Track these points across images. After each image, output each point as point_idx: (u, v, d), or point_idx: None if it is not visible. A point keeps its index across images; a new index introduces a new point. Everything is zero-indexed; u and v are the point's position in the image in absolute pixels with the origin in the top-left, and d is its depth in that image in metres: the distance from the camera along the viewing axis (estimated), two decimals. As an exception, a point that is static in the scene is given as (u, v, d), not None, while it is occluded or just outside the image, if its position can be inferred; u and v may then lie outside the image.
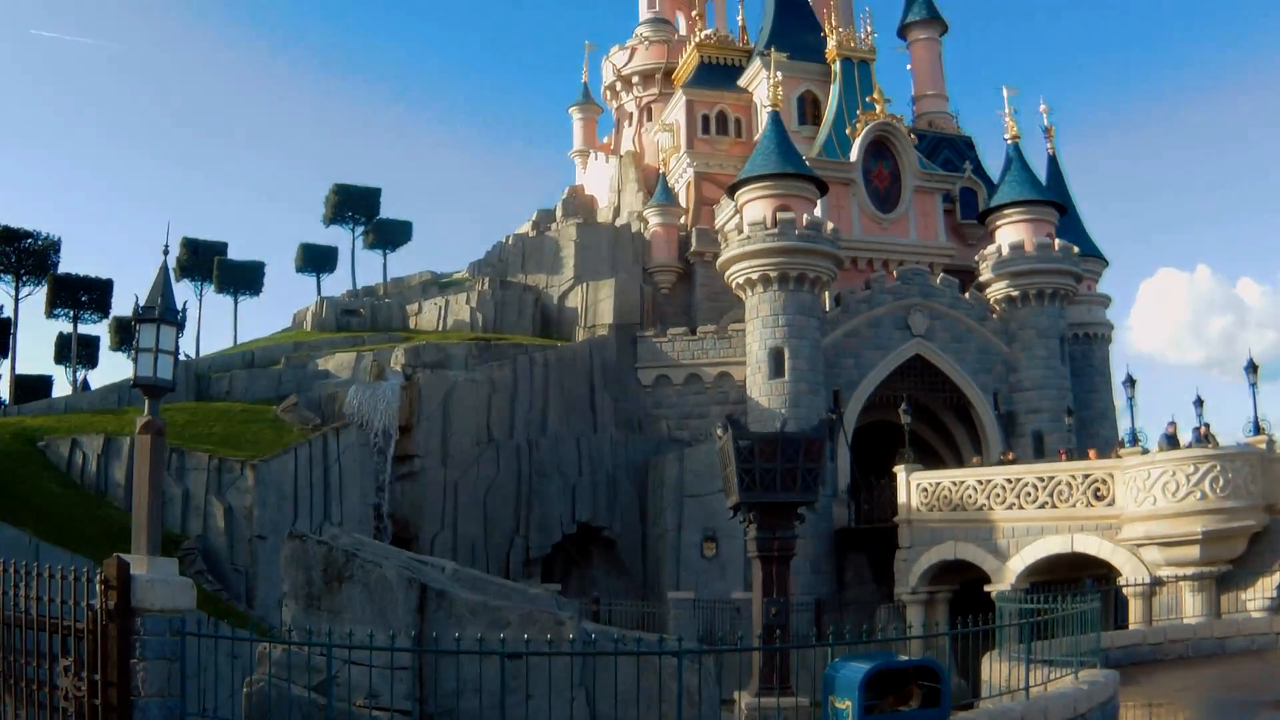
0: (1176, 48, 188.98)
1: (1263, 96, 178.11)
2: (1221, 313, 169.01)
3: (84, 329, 71.08)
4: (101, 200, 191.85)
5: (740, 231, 60.69)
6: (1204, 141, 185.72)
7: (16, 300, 67.64)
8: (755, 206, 60.96)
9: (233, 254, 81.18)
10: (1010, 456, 55.94)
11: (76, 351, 70.39)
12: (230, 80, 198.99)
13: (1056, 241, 64.35)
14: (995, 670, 19.81)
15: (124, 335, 70.51)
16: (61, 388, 70.87)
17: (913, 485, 50.00)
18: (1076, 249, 65.68)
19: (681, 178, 76.23)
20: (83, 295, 69.68)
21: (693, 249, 71.51)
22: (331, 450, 53.23)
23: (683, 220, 73.76)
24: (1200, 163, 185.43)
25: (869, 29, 74.40)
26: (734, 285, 61.84)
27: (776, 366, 58.80)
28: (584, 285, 70.28)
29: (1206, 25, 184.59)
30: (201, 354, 70.63)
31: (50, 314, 69.40)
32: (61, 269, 69.47)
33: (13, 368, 67.39)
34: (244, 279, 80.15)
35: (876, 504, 54.81)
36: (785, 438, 27.74)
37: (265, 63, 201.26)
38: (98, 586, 13.29)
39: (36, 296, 69.33)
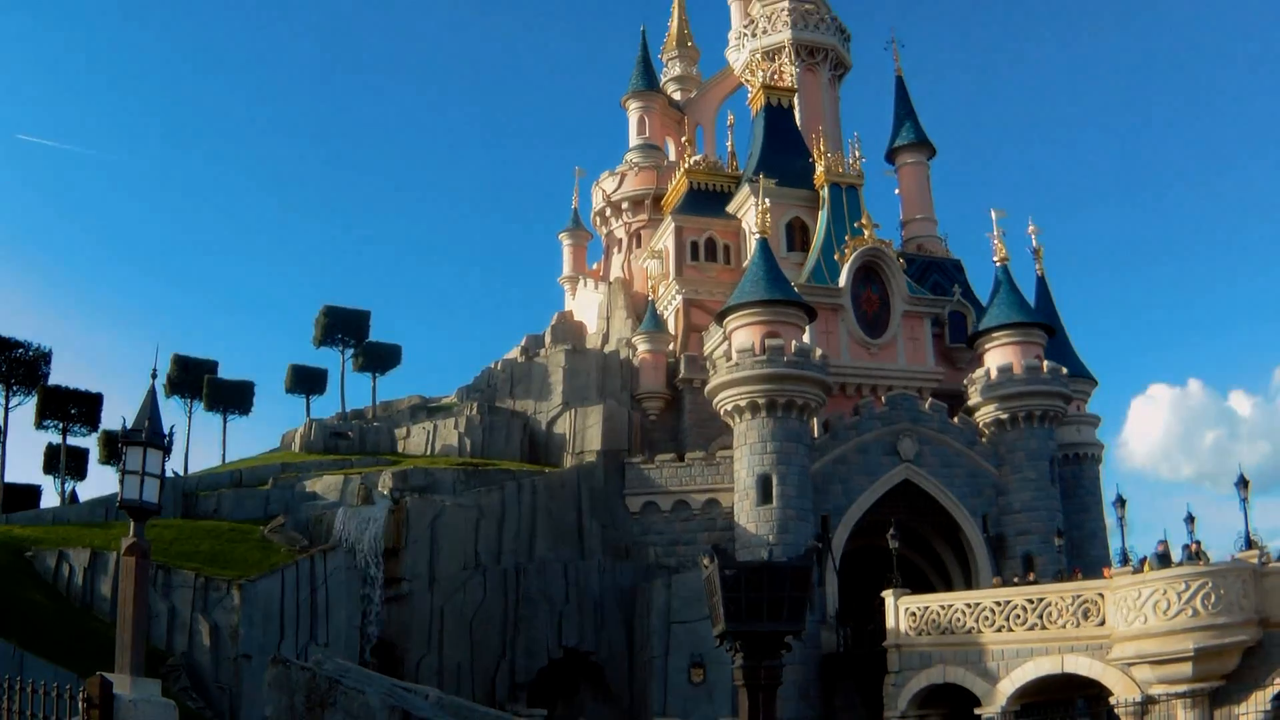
0: (1163, 164, 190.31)
1: (1250, 207, 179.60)
2: (1214, 426, 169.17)
3: (73, 441, 70.79)
4: (93, 312, 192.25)
5: (728, 358, 60.76)
6: (1194, 255, 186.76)
7: (6, 410, 67.37)
8: (743, 333, 61.07)
9: (223, 373, 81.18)
10: (998, 582, 55.76)
11: (65, 463, 70.18)
12: (222, 197, 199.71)
13: (1045, 363, 64.45)
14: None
15: (112, 449, 70.28)
16: (50, 498, 70.64)
17: (901, 610, 49.80)
18: (1065, 370, 65.78)
19: (670, 304, 76.42)
20: (72, 408, 69.44)
21: (681, 376, 71.52)
22: (318, 572, 53.06)
23: (671, 347, 73.81)
24: (1191, 276, 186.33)
25: (857, 154, 75.01)
26: (722, 412, 61.81)
27: (764, 493, 58.63)
28: (572, 411, 70.10)
29: (1191, 140, 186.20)
30: (190, 471, 70.39)
31: (39, 425, 69.15)
32: (52, 380, 69.23)
33: (1, 477, 67.16)
34: (233, 398, 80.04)
35: (865, 629, 54.56)
36: (771, 567, 27.75)
37: (256, 181, 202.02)
38: (80, 704, 13.18)
39: (26, 407, 69.13)
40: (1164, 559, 43.70)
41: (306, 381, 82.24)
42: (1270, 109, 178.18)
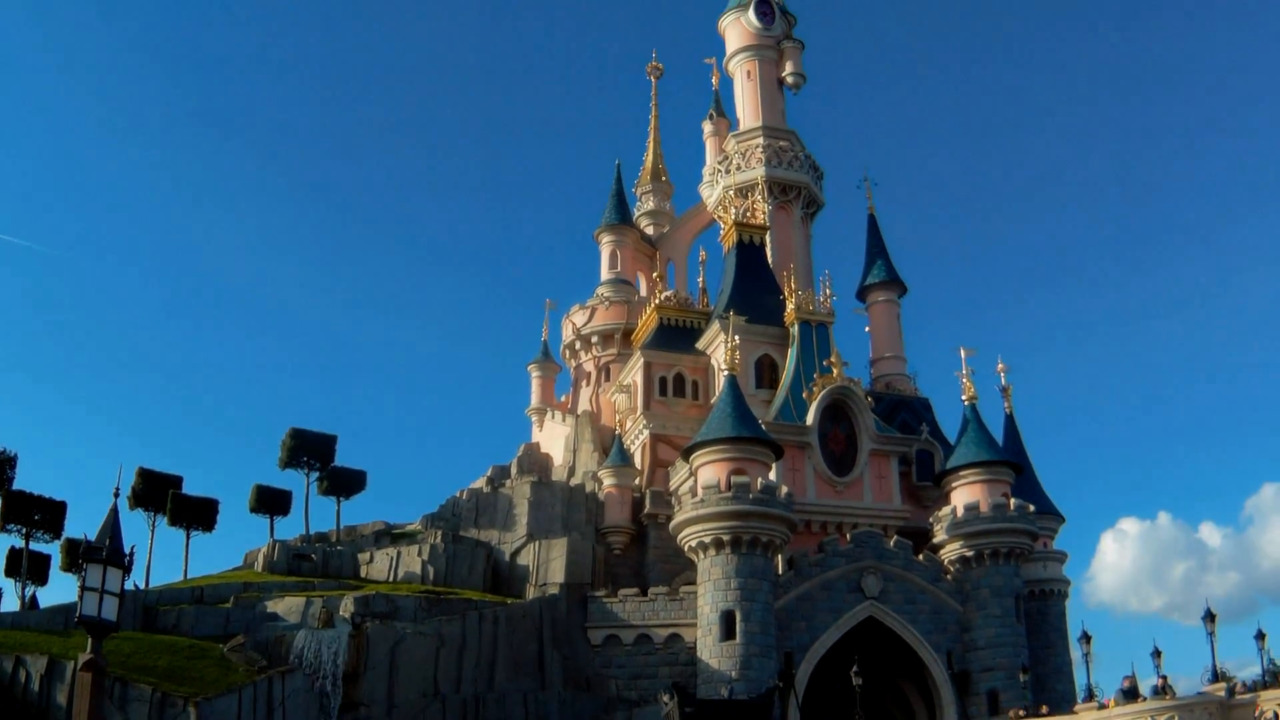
0: (1133, 302, 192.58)
1: (1218, 342, 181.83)
2: (1183, 558, 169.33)
3: (35, 546, 70.51)
4: (60, 419, 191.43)
5: (694, 495, 60.79)
6: (1165, 389, 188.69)
7: (-31, 514, 67.30)
8: (710, 470, 61.11)
9: (188, 488, 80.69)
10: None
11: (26, 568, 69.75)
12: (196, 315, 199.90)
13: (1012, 501, 64.73)
14: None
15: (74, 557, 69.71)
16: (10, 602, 70.18)
17: (863, 751, 49.54)
18: (1032, 507, 66.06)
19: (637, 439, 76.44)
20: (36, 514, 69.21)
21: (646, 510, 71.33)
22: (276, 693, 52.49)
23: (637, 481, 73.69)
24: (1161, 410, 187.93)
25: (828, 292, 75.47)
26: (687, 547, 61.70)
27: (728, 629, 58.39)
28: (536, 543, 69.88)
29: (1157, 280, 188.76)
30: (151, 585, 69.79)
31: (2, 529, 68.90)
32: (17, 484, 69.12)
33: (-37, 578, 66.91)
34: (197, 515, 79.53)
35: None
36: (731, 705, 27.74)
37: (230, 303, 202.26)
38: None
39: (-10, 508, 69.04)
40: (1130, 694, 43.66)
41: (271, 502, 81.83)
42: (1238, 249, 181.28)
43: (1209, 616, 48.63)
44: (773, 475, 62.69)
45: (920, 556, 64.28)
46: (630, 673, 63.11)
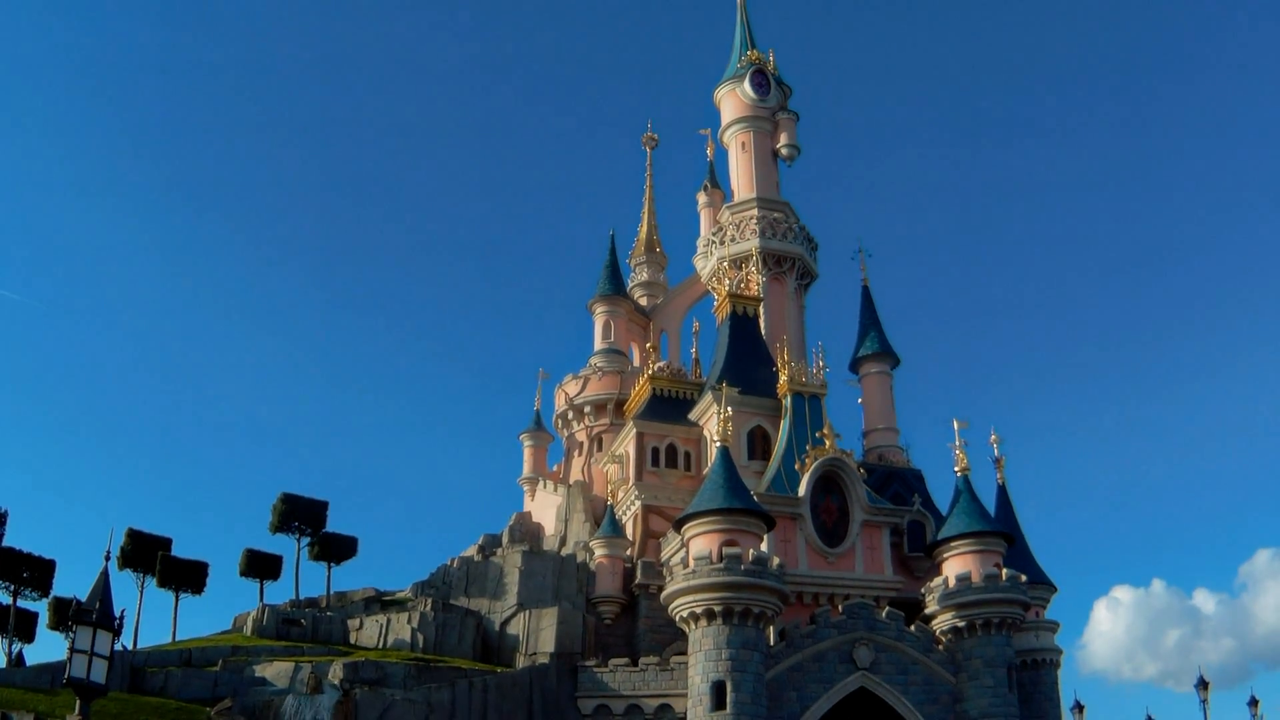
0: (1123, 371, 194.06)
1: (1212, 411, 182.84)
2: (1177, 624, 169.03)
3: (23, 604, 70.36)
4: (50, 478, 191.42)
5: (686, 565, 60.59)
6: (1157, 460, 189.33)
7: (-42, 569, 67.24)
8: (701, 541, 60.99)
9: (177, 550, 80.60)
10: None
11: (14, 625, 69.57)
12: (189, 378, 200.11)
13: (1004, 571, 64.49)
14: None
15: (62, 615, 69.81)
16: (-3, 659, 70.07)
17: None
18: (1024, 577, 65.78)
19: (629, 509, 76.37)
20: (25, 571, 69.18)
21: (637, 581, 71.12)
22: (264, 761, 52.32)
23: (629, 552, 73.60)
24: (1155, 480, 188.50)
25: (821, 363, 75.49)
26: (678, 618, 61.48)
27: (718, 699, 58.05)
28: (527, 613, 69.73)
29: (1148, 346, 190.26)
30: (139, 646, 69.66)
31: (-10, 586, 68.92)
32: (6, 542, 69.09)
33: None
34: (186, 577, 79.40)
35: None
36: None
37: (223, 367, 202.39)
38: None
39: (-22, 567, 68.97)
40: (1123, 763, 43.58)
41: (261, 566, 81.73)
42: (1236, 325, 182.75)
43: (1202, 684, 48.65)
44: (765, 546, 62.59)
45: (912, 627, 64.10)
46: (621, 743, 62.99)
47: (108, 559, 17.44)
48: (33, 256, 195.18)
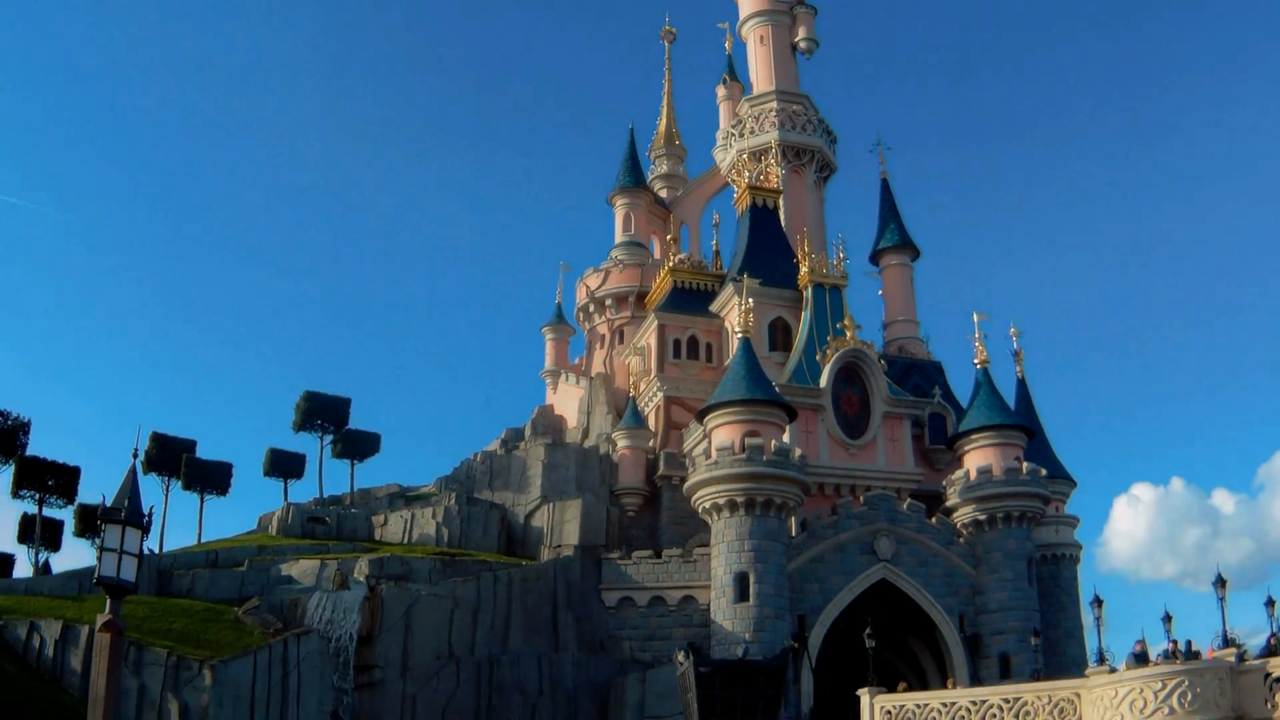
0: (1147, 265, 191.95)
1: (1233, 306, 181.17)
2: (1196, 524, 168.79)
3: (49, 512, 70.56)
4: (74, 385, 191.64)
5: (708, 456, 60.87)
6: (1179, 355, 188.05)
7: (-18, 478, 67.49)
8: (723, 432, 61.19)
9: (201, 452, 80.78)
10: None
11: (40, 534, 69.86)
12: (210, 278, 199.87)
13: (1024, 465, 64.70)
14: None
15: (88, 522, 70.05)
16: (23, 568, 70.24)
17: (877, 709, 49.44)
18: (1044, 471, 66.03)
19: (651, 401, 76.49)
20: (49, 479, 69.25)
21: (660, 472, 71.51)
22: (291, 656, 52.63)
23: (651, 443, 73.83)
24: (1175, 376, 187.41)
25: (841, 255, 75.40)
26: (701, 509, 61.81)
27: (741, 591, 58.47)
28: (550, 505, 70.03)
29: (1170, 240, 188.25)
30: (165, 549, 69.89)
31: (15, 495, 68.98)
32: (30, 451, 69.17)
33: (-24, 545, 67.08)
34: (211, 479, 79.64)
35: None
36: (745, 665, 27.74)
37: (244, 265, 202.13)
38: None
39: (3, 476, 69.09)
40: (1141, 659, 43.58)
41: (285, 466, 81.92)
42: (1253, 212, 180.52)
43: (1219, 582, 48.57)
44: (786, 438, 62.76)
45: (933, 520, 64.30)
46: (644, 634, 63.28)
47: (135, 456, 17.49)
48: (42, 158, 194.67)
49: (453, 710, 57.43)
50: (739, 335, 65.00)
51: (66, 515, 72.74)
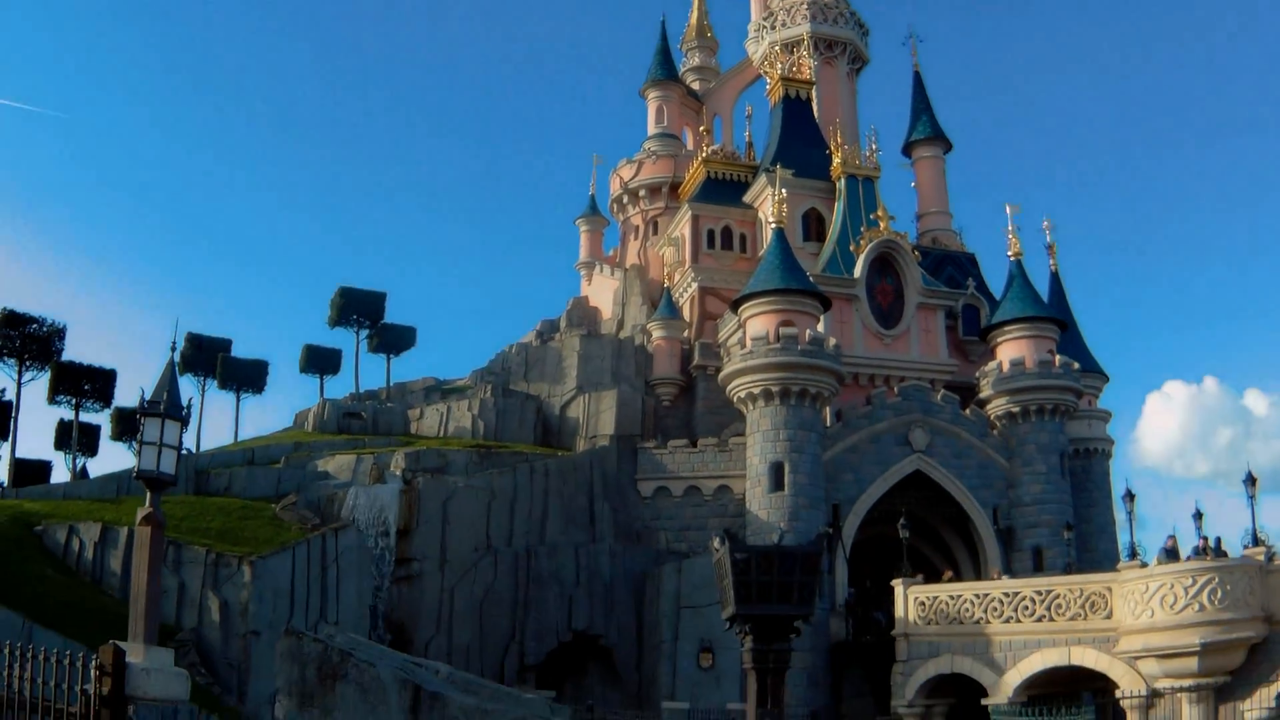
0: (1183, 162, 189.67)
1: (1270, 206, 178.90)
2: (1229, 424, 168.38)
3: (85, 417, 71.00)
4: (108, 288, 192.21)
5: (743, 346, 60.96)
6: (1212, 253, 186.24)
7: (19, 385, 67.74)
8: (758, 322, 61.22)
9: (236, 351, 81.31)
10: (997, 574, 55.98)
11: (77, 439, 70.33)
12: (240, 175, 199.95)
13: (1057, 358, 64.57)
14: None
15: (125, 425, 70.54)
16: (60, 474, 70.99)
17: (910, 599, 49.85)
18: (1077, 365, 65.85)
19: (686, 291, 76.53)
20: (85, 384, 69.66)
21: (695, 362, 71.62)
22: (329, 550, 53.03)
23: (686, 334, 73.91)
24: (1209, 274, 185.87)
25: (874, 147, 74.99)
26: (736, 399, 62.00)
27: (776, 480, 58.81)
28: (586, 396, 70.38)
29: (1211, 137, 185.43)
30: (202, 449, 70.51)
31: (52, 400, 69.40)
32: (65, 356, 69.49)
33: (13, 451, 67.32)
34: (247, 377, 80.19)
35: (872, 618, 54.69)
36: (782, 551, 27.79)
37: (275, 161, 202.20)
38: (92, 672, 13.27)
39: (39, 382, 69.45)
40: (1172, 555, 43.75)
41: (320, 362, 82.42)
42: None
43: (1250, 480, 48.61)
44: (821, 327, 62.75)
45: (967, 411, 64.33)
46: (680, 524, 63.68)
47: (174, 350, 17.59)
48: (67, 63, 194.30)
49: (490, 601, 58.00)
50: (773, 225, 64.90)
51: (103, 419, 73.31)
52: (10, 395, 68.43)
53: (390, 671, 17.25)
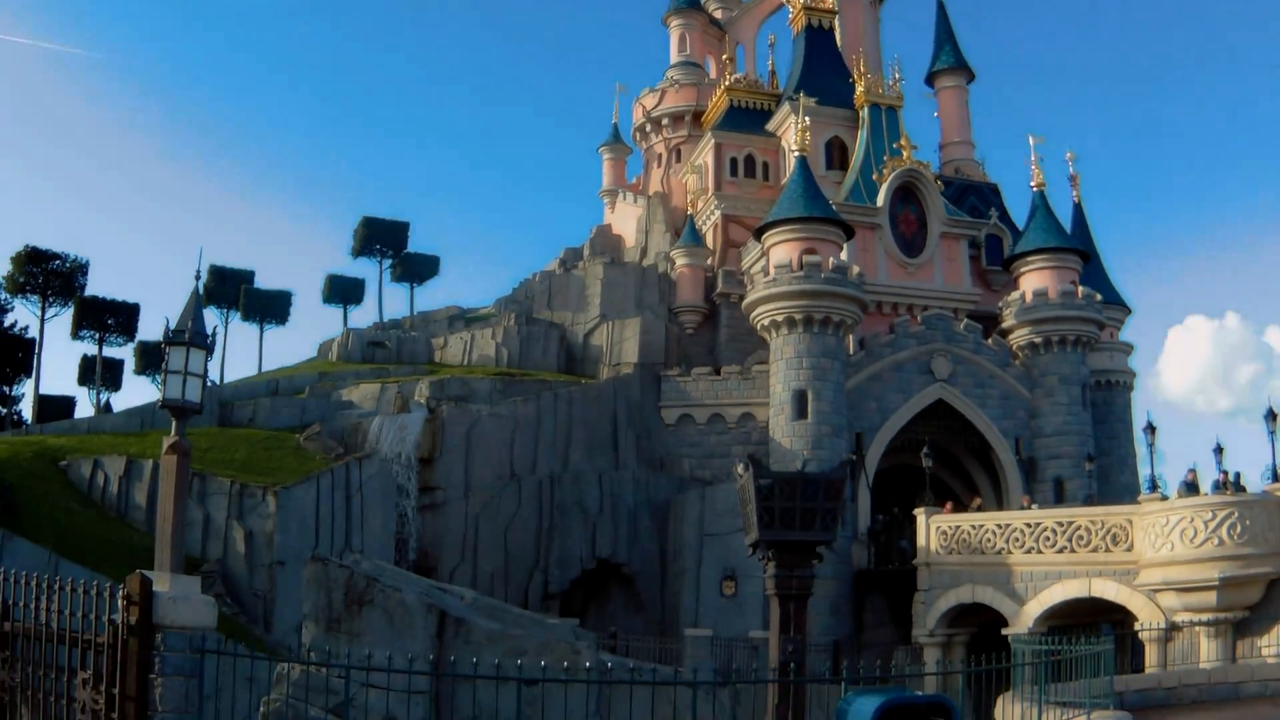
0: (1208, 95, 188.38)
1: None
2: (1250, 360, 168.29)
3: (109, 352, 71.23)
4: (130, 223, 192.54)
5: (766, 274, 60.94)
6: (1235, 188, 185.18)
7: (43, 321, 67.97)
8: (781, 249, 61.18)
9: (259, 283, 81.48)
10: (1027, 502, 55.99)
11: (101, 374, 70.56)
12: (256, 107, 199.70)
13: (1080, 289, 64.41)
14: (1009, 711, 19.84)
15: (148, 359, 70.76)
16: (84, 409, 71.11)
17: (932, 528, 49.97)
18: (1099, 296, 65.70)
19: (709, 219, 76.44)
20: (109, 318, 69.83)
21: (718, 290, 71.63)
22: (354, 479, 53.27)
23: (709, 262, 73.89)
24: (1231, 210, 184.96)
25: (897, 76, 74.44)
26: (759, 327, 62.08)
27: (799, 408, 58.92)
28: (609, 324, 70.45)
29: (1237, 69, 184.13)
30: (226, 381, 70.68)
31: (76, 336, 69.60)
32: (88, 291, 69.66)
33: (36, 387, 67.59)
34: (270, 308, 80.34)
35: (896, 547, 54.82)
36: (805, 477, 27.82)
37: (296, 91, 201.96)
38: (120, 601, 13.38)
39: (63, 318, 69.64)
40: (1192, 488, 43.75)
41: (344, 292, 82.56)
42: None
43: (1270, 415, 48.45)
44: (844, 256, 62.68)
45: (990, 341, 64.24)
46: (703, 452, 63.87)
47: (198, 278, 17.67)
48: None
49: (515, 529, 58.29)
50: (796, 154, 64.65)
51: (127, 354, 73.55)
52: (33, 332, 68.75)
53: (416, 596, 17.39)
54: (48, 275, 67.60)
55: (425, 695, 16.42)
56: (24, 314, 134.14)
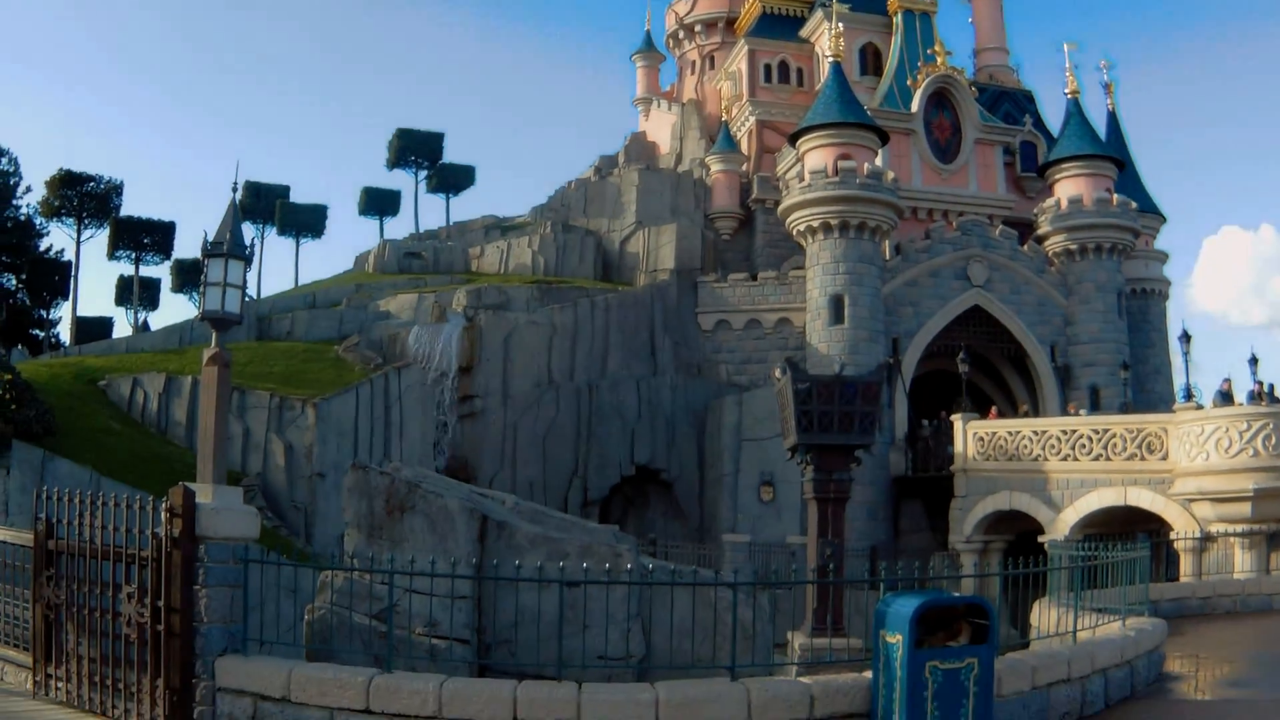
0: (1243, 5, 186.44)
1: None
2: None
3: (145, 271, 71.69)
4: (163, 141, 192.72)
5: (802, 179, 60.82)
6: (1272, 98, 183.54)
7: (79, 243, 68.39)
8: (817, 155, 61.03)
9: (295, 197, 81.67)
10: (1074, 409, 56.01)
11: (138, 293, 70.87)
12: (289, 23, 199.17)
13: (1115, 196, 64.12)
14: (1044, 616, 19.94)
15: (185, 277, 71.17)
16: (122, 329, 71.44)
17: (969, 435, 50.02)
18: (1134, 204, 65.36)
19: (743, 126, 76.21)
20: (145, 238, 70.17)
21: (754, 196, 71.54)
22: (393, 389, 53.55)
23: (744, 168, 73.78)
24: (1268, 121, 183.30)
25: (930, -21, 74.06)
26: (795, 232, 62.01)
27: (836, 313, 58.94)
28: (645, 230, 70.45)
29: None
30: (263, 295, 70.95)
31: (112, 256, 69.99)
32: (123, 212, 69.97)
33: (74, 309, 68.08)
34: (306, 222, 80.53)
35: (933, 453, 54.92)
36: (843, 380, 27.81)
37: (327, 5, 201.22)
38: (163, 514, 13.55)
39: (99, 239, 70.05)
40: (1227, 398, 43.64)
41: (379, 204, 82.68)
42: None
43: (1302, 327, 48.22)
44: (879, 161, 62.51)
45: (1025, 247, 64.08)
46: (740, 357, 63.98)
47: (235, 190, 17.73)
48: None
49: (553, 436, 58.52)
50: (830, 59, 64.34)
51: (163, 272, 73.89)
52: (70, 254, 69.07)
53: (458, 502, 17.52)
54: (83, 198, 67.95)
55: (468, 600, 16.59)
56: (60, 237, 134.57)
